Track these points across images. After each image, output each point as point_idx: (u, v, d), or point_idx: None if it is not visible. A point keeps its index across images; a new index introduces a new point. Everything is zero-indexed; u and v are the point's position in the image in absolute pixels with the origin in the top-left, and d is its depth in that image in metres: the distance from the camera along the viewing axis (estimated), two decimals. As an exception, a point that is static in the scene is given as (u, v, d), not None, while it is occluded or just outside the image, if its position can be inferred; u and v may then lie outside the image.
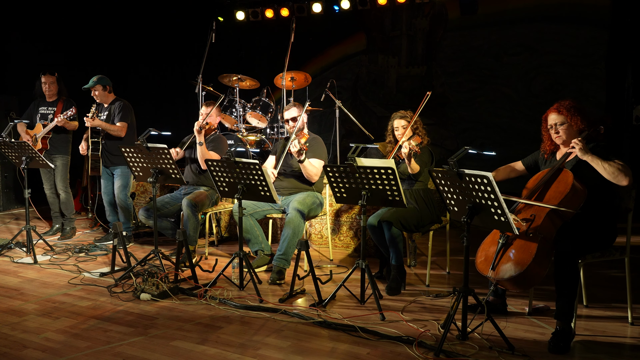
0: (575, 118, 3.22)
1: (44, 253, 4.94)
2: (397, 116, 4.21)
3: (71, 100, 5.52)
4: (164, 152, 4.06)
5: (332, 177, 3.55)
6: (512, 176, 3.59)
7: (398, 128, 4.17)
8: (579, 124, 3.22)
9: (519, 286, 3.03)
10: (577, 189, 3.07)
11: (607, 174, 3.02)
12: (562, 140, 3.28)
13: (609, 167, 3.02)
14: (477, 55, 7.60)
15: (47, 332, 3.22)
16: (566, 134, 3.26)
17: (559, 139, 3.29)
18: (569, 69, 7.05)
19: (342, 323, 3.28)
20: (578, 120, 3.22)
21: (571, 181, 3.07)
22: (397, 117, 4.20)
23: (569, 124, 3.24)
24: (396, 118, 4.20)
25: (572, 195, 3.06)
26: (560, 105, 3.29)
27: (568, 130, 3.25)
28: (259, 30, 8.60)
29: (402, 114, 4.20)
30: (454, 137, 7.66)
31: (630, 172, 3.01)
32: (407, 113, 4.20)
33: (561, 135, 3.27)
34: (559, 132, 3.27)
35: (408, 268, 4.46)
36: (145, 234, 5.70)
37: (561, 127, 3.26)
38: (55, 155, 5.49)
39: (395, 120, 4.20)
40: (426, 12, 7.88)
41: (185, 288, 3.91)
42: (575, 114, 3.23)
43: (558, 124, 3.27)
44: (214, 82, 6.72)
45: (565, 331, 2.96)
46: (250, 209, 4.39)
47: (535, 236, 3.02)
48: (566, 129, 3.25)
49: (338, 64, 8.51)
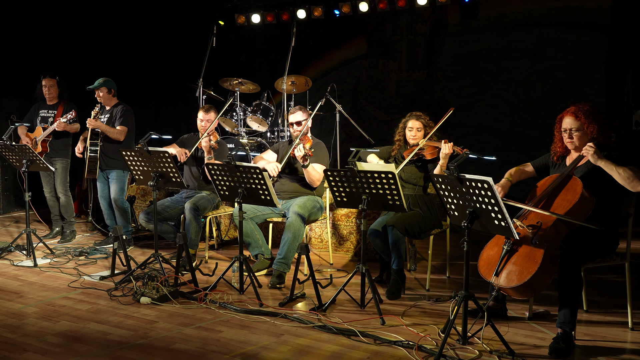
0: (592, 127, 3.12)
1: (44, 256, 4.94)
2: (413, 116, 4.12)
3: (71, 103, 5.53)
4: (165, 155, 4.06)
5: (333, 181, 3.56)
6: (522, 178, 3.52)
7: (412, 129, 4.11)
8: (594, 132, 3.12)
9: (523, 294, 3.01)
10: (585, 198, 3.02)
11: (622, 179, 2.96)
12: (574, 146, 3.21)
13: (624, 173, 2.95)
14: (478, 59, 7.61)
15: (47, 336, 3.21)
16: (579, 141, 3.17)
17: (571, 144, 3.21)
18: (569, 73, 7.06)
19: (342, 327, 3.27)
20: (594, 130, 3.12)
21: (580, 189, 3.02)
22: (413, 117, 4.11)
23: (585, 131, 3.15)
24: (412, 119, 4.11)
25: (580, 204, 3.01)
26: (579, 109, 3.17)
27: (582, 138, 3.16)
28: (260, 34, 8.61)
29: (418, 114, 4.13)
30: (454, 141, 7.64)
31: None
32: (422, 115, 4.15)
33: (574, 142, 3.19)
34: (573, 138, 3.18)
35: (408, 272, 4.46)
36: (145, 237, 5.70)
37: (576, 133, 3.17)
38: (55, 158, 5.49)
39: (411, 120, 4.11)
40: (427, 17, 7.90)
41: (186, 292, 3.91)
42: (593, 122, 3.12)
43: (573, 130, 3.17)
44: (214, 85, 6.73)
45: (566, 336, 2.95)
46: (250, 212, 4.39)
47: (541, 244, 2.98)
48: (580, 137, 3.16)
49: (338, 68, 8.52)
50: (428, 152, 4.02)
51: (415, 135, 4.10)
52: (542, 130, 6.35)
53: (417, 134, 4.10)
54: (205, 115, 4.83)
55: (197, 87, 6.59)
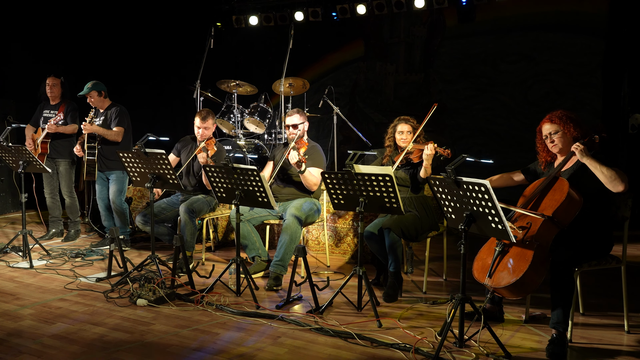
0: (568, 125, 3.27)
1: (40, 258, 4.93)
2: (401, 121, 4.17)
3: (73, 103, 5.54)
4: (162, 157, 4.06)
5: (330, 183, 3.56)
6: (511, 184, 3.63)
7: (403, 132, 4.14)
8: (572, 131, 3.27)
9: (515, 293, 3.04)
10: (572, 197, 3.09)
11: (604, 178, 3.05)
12: (559, 148, 3.32)
13: (607, 172, 3.05)
14: (475, 62, 7.64)
15: (43, 338, 3.20)
16: (562, 142, 3.30)
17: (555, 147, 3.32)
18: (566, 77, 7.09)
19: (339, 330, 3.27)
20: (571, 128, 3.27)
21: (567, 189, 3.09)
22: (402, 121, 4.16)
23: (563, 131, 3.29)
24: (401, 123, 4.16)
25: (567, 204, 3.07)
26: (552, 115, 3.35)
27: (563, 138, 3.29)
28: (257, 36, 8.62)
29: (406, 118, 4.18)
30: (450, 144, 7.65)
31: (627, 179, 3.04)
32: (410, 118, 4.19)
33: (557, 144, 3.31)
34: (555, 141, 3.31)
35: (405, 275, 4.46)
36: (142, 238, 5.69)
37: (556, 136, 3.30)
38: (58, 159, 5.50)
39: (400, 124, 4.16)
40: (424, 20, 7.92)
41: (182, 294, 3.90)
42: (568, 121, 3.28)
43: (552, 133, 3.31)
44: (212, 87, 6.73)
45: (561, 338, 2.97)
46: (247, 214, 4.38)
47: (531, 244, 3.03)
48: (561, 137, 3.29)
49: (336, 71, 8.53)
50: (415, 155, 4.05)
51: (406, 139, 4.13)
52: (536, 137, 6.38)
53: (408, 137, 4.12)
54: (202, 123, 4.68)
55: (194, 89, 6.58)
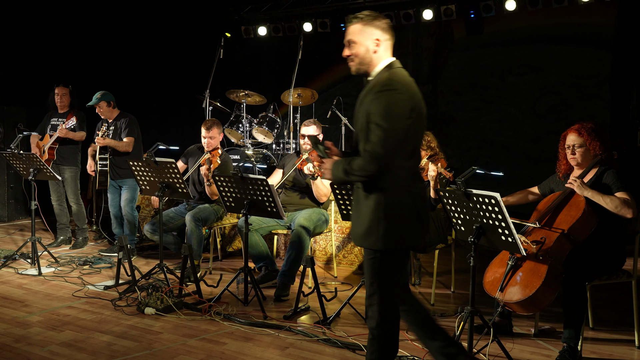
0: (595, 143, 3.20)
1: (49, 265, 4.94)
2: None
3: (81, 112, 5.58)
4: (172, 166, 4.08)
5: (339, 194, 3.56)
6: (529, 200, 3.56)
7: None
8: (597, 150, 3.20)
9: (527, 309, 3.01)
10: (588, 214, 3.05)
11: (610, 208, 3.04)
12: (577, 162, 3.26)
13: (611, 202, 3.04)
14: (483, 74, 7.64)
15: (51, 345, 3.21)
16: (582, 157, 3.24)
17: (574, 160, 3.27)
18: (574, 89, 7.07)
19: (346, 341, 3.26)
20: (597, 146, 3.20)
21: (583, 205, 3.05)
22: None
23: (587, 147, 3.22)
24: None
25: (584, 220, 3.04)
26: (582, 127, 3.24)
27: (585, 154, 3.23)
28: (266, 47, 8.67)
29: None
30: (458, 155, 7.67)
31: (634, 204, 3.02)
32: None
33: (576, 158, 3.25)
34: (575, 154, 3.24)
35: (412, 287, 4.44)
36: (149, 247, 5.70)
37: (578, 150, 3.23)
38: (64, 166, 5.53)
39: None
40: (432, 32, 7.95)
41: (190, 303, 3.90)
42: (596, 138, 3.20)
43: (576, 146, 3.24)
44: (221, 97, 6.77)
45: (571, 351, 2.95)
46: (255, 224, 4.39)
47: (545, 259, 3.00)
48: (583, 153, 3.23)
49: (344, 81, 8.54)
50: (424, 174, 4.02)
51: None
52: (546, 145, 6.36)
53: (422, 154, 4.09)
54: (207, 132, 4.69)
55: (204, 98, 6.62)
